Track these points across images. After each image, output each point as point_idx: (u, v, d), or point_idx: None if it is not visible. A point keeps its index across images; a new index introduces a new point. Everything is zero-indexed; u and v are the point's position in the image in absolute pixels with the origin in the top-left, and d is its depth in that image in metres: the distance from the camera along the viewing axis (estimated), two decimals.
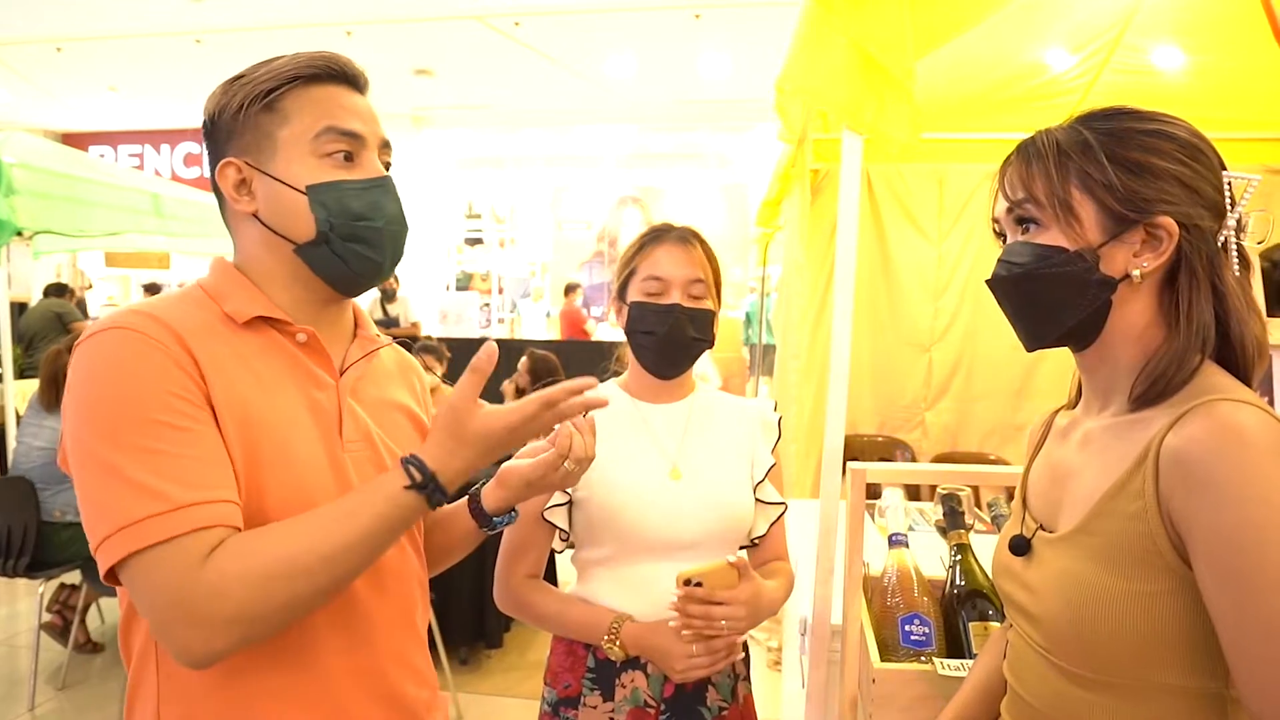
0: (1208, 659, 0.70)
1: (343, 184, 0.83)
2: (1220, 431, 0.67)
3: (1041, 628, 0.80)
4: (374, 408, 0.91)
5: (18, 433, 3.02)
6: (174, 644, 0.70)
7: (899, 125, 1.25)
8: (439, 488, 0.78)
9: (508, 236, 10.70)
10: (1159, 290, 0.78)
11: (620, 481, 1.18)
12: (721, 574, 1.05)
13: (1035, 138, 0.82)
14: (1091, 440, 0.82)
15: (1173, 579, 0.70)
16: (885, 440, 3.44)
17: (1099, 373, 0.83)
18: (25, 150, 3.33)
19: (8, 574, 2.83)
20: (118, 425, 0.71)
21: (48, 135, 8.94)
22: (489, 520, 1.00)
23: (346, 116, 0.85)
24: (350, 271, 0.86)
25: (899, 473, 2.01)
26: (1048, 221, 0.79)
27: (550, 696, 1.21)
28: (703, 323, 1.20)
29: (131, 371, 0.72)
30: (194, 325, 0.78)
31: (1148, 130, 0.77)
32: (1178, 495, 0.69)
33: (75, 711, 2.74)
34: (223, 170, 0.84)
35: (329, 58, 0.86)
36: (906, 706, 1.14)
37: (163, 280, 10.27)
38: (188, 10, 5.92)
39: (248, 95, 0.83)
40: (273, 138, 0.83)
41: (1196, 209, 0.76)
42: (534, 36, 6.38)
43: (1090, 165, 0.77)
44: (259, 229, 0.85)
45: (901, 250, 3.40)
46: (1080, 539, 0.76)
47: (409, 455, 0.79)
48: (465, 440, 0.80)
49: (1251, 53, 2.39)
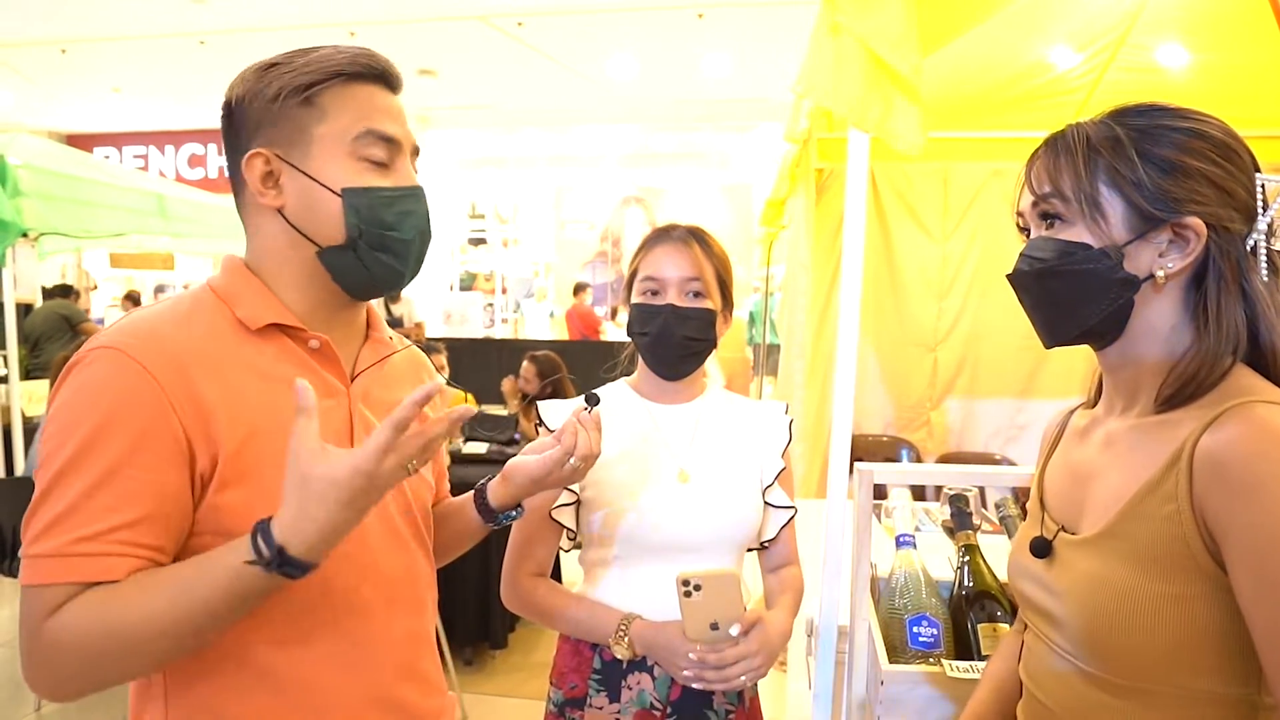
0: (1241, 664, 0.69)
1: (379, 191, 0.82)
2: (1259, 434, 0.66)
3: (1064, 631, 0.79)
4: (385, 412, 0.91)
5: (37, 434, 3.02)
6: (26, 677, 0.71)
7: (908, 126, 1.25)
8: (288, 560, 0.68)
9: (511, 237, 10.70)
10: (1184, 291, 0.76)
11: (628, 482, 1.18)
12: (721, 581, 1.04)
13: (1066, 131, 0.80)
14: (1116, 441, 0.81)
15: (1206, 582, 0.69)
16: (890, 440, 3.44)
17: (1122, 372, 0.81)
18: (31, 152, 3.34)
19: (12, 575, 2.84)
20: (66, 449, 0.70)
21: (52, 136, 8.97)
22: (494, 516, 1.00)
23: (386, 120, 0.83)
24: (371, 279, 0.84)
25: (908, 473, 2.00)
26: (1073, 217, 0.77)
27: (556, 697, 1.21)
28: (700, 322, 1.18)
29: (98, 400, 0.71)
30: (199, 343, 0.77)
31: (1181, 128, 0.75)
32: (1214, 498, 0.67)
33: (79, 712, 2.75)
34: (250, 161, 0.81)
35: (372, 56, 0.83)
36: (915, 708, 1.14)
37: (167, 281, 10.30)
38: (191, 12, 5.94)
39: (285, 86, 0.79)
40: (308, 133, 0.80)
41: (1227, 210, 0.74)
42: (537, 37, 6.38)
43: (1120, 162, 0.75)
44: (282, 225, 0.83)
45: (906, 249, 3.40)
46: (1108, 541, 0.75)
47: (261, 521, 0.69)
48: (312, 493, 0.68)
49: (1257, 51, 2.38)
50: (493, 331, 9.11)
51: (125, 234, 3.99)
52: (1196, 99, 2.66)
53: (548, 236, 10.44)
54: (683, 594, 1.03)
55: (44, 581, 0.69)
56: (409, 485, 0.91)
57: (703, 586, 1.02)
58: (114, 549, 0.70)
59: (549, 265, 10.58)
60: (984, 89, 2.76)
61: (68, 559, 0.69)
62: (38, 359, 5.06)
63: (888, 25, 1.26)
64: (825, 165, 3.19)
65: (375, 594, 0.84)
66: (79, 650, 0.69)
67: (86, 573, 0.69)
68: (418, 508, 0.94)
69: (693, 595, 1.03)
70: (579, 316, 8.33)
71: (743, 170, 9.54)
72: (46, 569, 0.69)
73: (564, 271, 10.15)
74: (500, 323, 9.65)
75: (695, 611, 1.04)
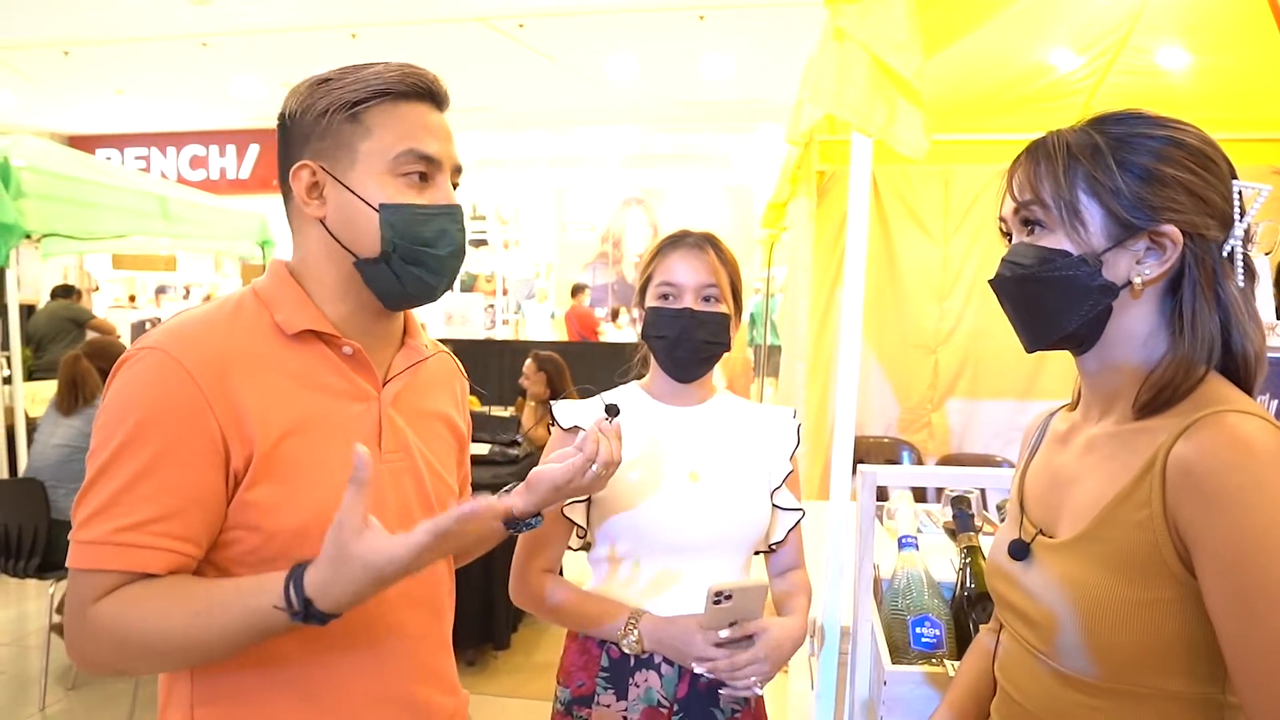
0: (1209, 666, 0.70)
1: (414, 208, 0.84)
2: (1230, 444, 0.67)
3: (1040, 632, 0.80)
4: (415, 418, 0.93)
5: (36, 434, 3.04)
6: (69, 647, 0.77)
7: (912, 130, 1.26)
8: (314, 613, 0.72)
9: (512, 238, 10.71)
10: (1161, 298, 0.78)
11: (640, 482, 1.20)
12: (751, 592, 1.06)
13: (1046, 138, 0.82)
14: (1095, 447, 0.82)
15: (1177, 587, 0.70)
16: (892, 441, 3.44)
17: (1100, 378, 0.83)
18: (34, 153, 3.35)
19: (18, 575, 2.84)
20: (115, 444, 0.74)
21: (54, 138, 8.98)
22: (516, 523, 1.01)
23: (427, 139, 0.85)
24: (405, 292, 0.87)
25: (910, 476, 2.01)
26: (1053, 224, 0.79)
27: (564, 695, 1.22)
28: (716, 326, 1.21)
29: (143, 399, 0.75)
30: (240, 345, 0.80)
31: (1158, 136, 0.77)
32: (1186, 506, 0.69)
33: (85, 712, 2.76)
34: (297, 172, 0.85)
35: (419, 75, 0.85)
36: (918, 708, 1.15)
37: (168, 282, 10.30)
38: (193, 14, 5.95)
39: (333, 102, 0.83)
40: (353, 149, 0.83)
41: (1203, 218, 0.75)
42: (538, 38, 6.39)
43: (1098, 170, 0.76)
44: (323, 235, 0.86)
45: (907, 251, 3.41)
46: (1085, 545, 0.77)
47: (296, 568, 0.73)
48: (347, 569, 0.71)
49: (1258, 53, 2.39)
50: (494, 333, 9.12)
51: (128, 235, 4.00)
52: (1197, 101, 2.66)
53: (549, 237, 10.45)
54: (712, 602, 1.05)
55: (88, 567, 0.74)
56: (432, 488, 0.93)
57: (733, 597, 1.04)
58: (151, 541, 0.74)
59: (550, 266, 10.59)
60: (985, 91, 2.77)
61: (109, 547, 0.74)
62: (41, 360, 5.06)
63: (890, 30, 1.27)
64: (826, 168, 3.20)
65: (397, 595, 0.85)
66: (112, 640, 0.74)
67: (127, 563, 0.74)
68: (440, 511, 0.95)
69: (722, 603, 1.05)
70: (577, 318, 8.33)
71: (743, 171, 9.54)
72: (91, 555, 0.74)
73: (565, 272, 10.15)
74: (501, 324, 9.66)
75: (719, 615, 1.06)
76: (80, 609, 0.74)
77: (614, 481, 1.17)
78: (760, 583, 1.06)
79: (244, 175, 9.60)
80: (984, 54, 2.52)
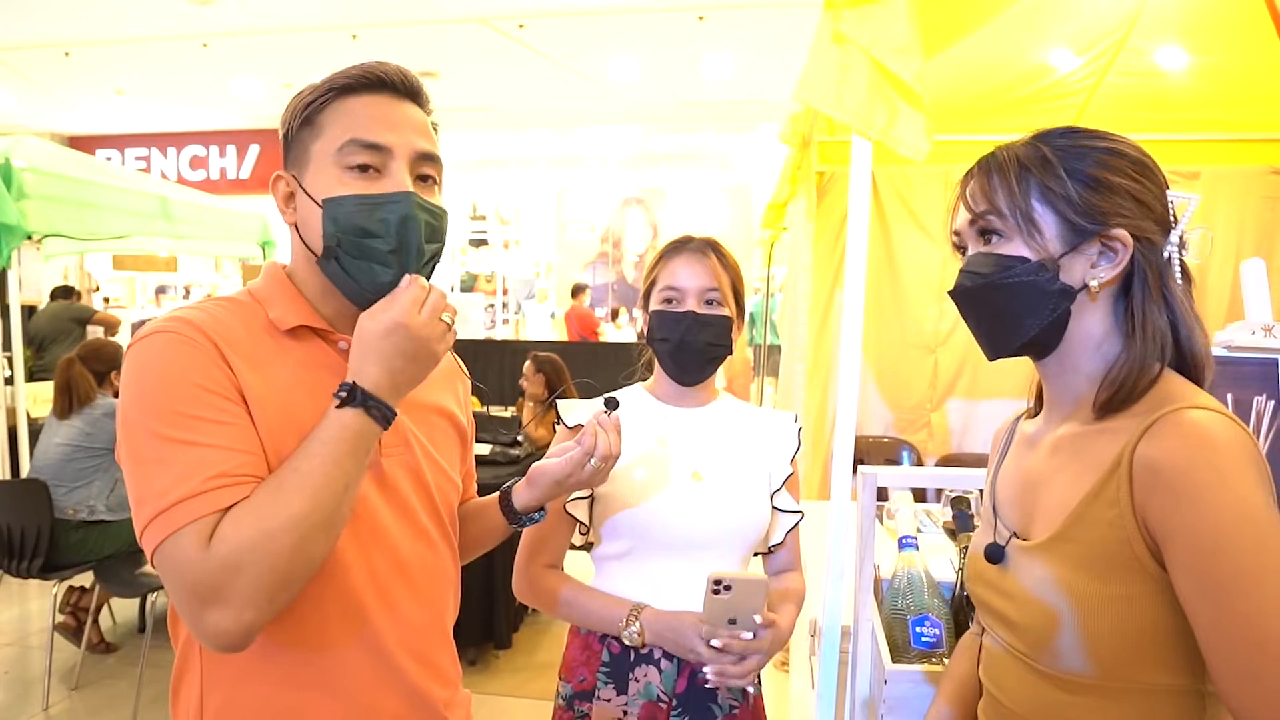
0: (1187, 658, 0.72)
1: (356, 199, 0.81)
2: (1192, 441, 0.70)
3: (1021, 633, 0.82)
4: (415, 412, 0.93)
5: (41, 436, 3.05)
6: (206, 630, 0.71)
7: (913, 133, 1.26)
8: (367, 396, 0.77)
9: (512, 238, 10.72)
10: (1114, 301, 0.81)
11: (643, 479, 1.21)
12: (751, 585, 1.06)
13: (995, 153, 0.85)
14: (1061, 448, 0.84)
15: (1150, 582, 0.72)
16: (891, 441, 3.45)
17: (1060, 381, 0.86)
18: (35, 154, 3.35)
19: (21, 575, 2.85)
20: (153, 420, 0.73)
21: (54, 139, 8.99)
22: (518, 518, 1.03)
23: (374, 128, 0.82)
24: (359, 287, 0.83)
25: (911, 477, 2.02)
26: (1010, 232, 0.82)
27: (565, 691, 1.23)
28: (718, 329, 1.23)
29: (167, 370, 0.75)
30: (234, 334, 0.80)
31: (1100, 147, 0.81)
32: (1153, 503, 0.71)
33: (88, 711, 2.76)
34: (275, 183, 0.87)
35: (367, 67, 0.85)
36: (918, 707, 1.15)
37: (169, 282, 10.30)
38: (194, 14, 5.95)
39: (294, 111, 0.85)
40: (308, 151, 0.84)
41: (1147, 222, 0.79)
42: (538, 38, 6.40)
43: (1049, 179, 0.80)
44: (297, 240, 0.87)
45: (906, 252, 3.42)
46: (1059, 546, 0.78)
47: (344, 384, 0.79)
48: (364, 345, 0.79)
49: (1256, 54, 2.40)
50: (494, 332, 9.13)
51: (130, 236, 4.00)
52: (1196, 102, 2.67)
53: (549, 238, 10.46)
54: (711, 590, 1.05)
55: (189, 520, 0.70)
56: (432, 480, 0.94)
57: (733, 587, 1.05)
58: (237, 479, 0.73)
59: (550, 266, 10.60)
60: (984, 92, 2.78)
61: (206, 495, 0.71)
62: (42, 360, 5.07)
63: (890, 32, 1.27)
64: (826, 169, 3.20)
65: (398, 584, 0.87)
66: (252, 541, 0.70)
67: (226, 499, 0.72)
68: (443, 506, 0.96)
69: (720, 594, 1.05)
70: (577, 318, 8.34)
71: (744, 171, 9.55)
72: (188, 510, 0.71)
73: (565, 272, 10.16)
74: (501, 324, 9.66)
75: (718, 608, 1.07)
76: (192, 567, 0.69)
77: (618, 479, 1.19)
78: (761, 578, 1.07)
79: (244, 175, 9.60)
80: (984, 55, 2.53)
